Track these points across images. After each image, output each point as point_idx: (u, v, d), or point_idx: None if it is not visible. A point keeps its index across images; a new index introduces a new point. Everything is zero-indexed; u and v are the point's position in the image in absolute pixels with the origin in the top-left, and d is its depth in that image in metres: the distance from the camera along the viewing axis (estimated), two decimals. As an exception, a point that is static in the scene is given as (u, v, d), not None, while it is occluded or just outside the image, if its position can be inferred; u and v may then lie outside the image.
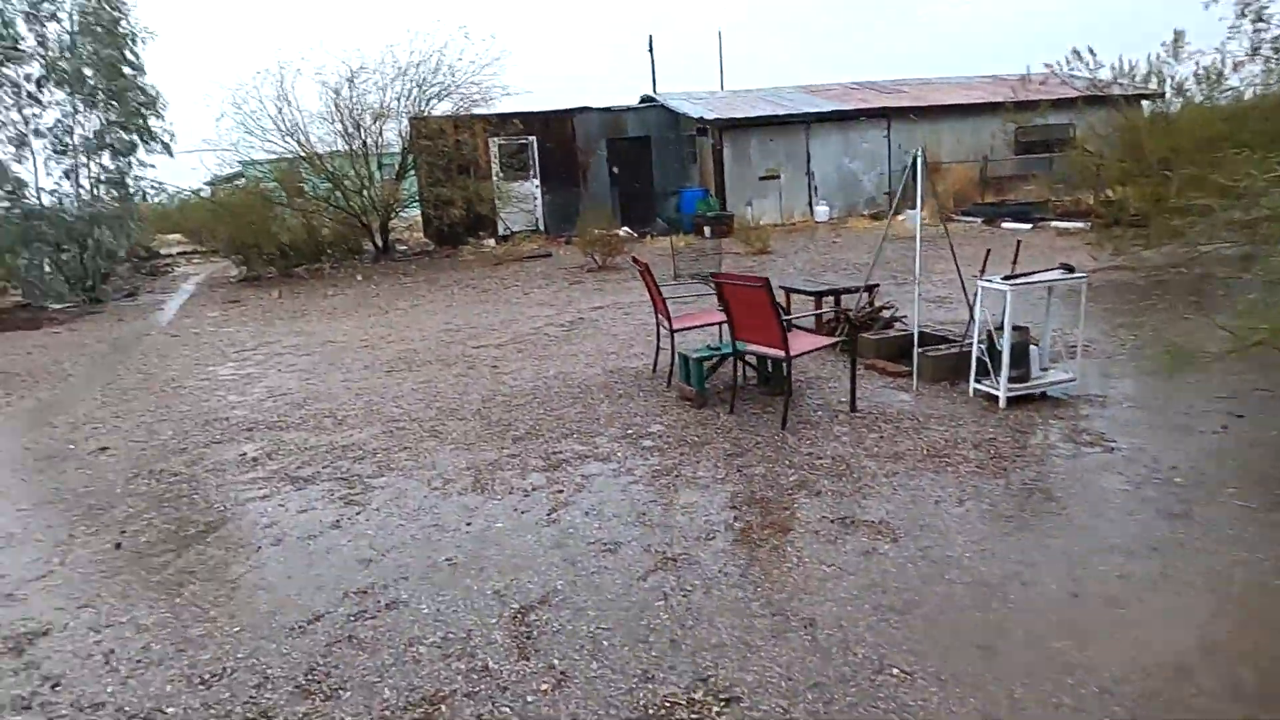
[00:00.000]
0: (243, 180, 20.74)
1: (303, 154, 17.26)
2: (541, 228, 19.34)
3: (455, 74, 17.94)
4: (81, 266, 14.27)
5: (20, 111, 13.65)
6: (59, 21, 13.90)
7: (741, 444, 4.89)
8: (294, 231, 17.15)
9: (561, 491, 4.37)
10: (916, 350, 5.88)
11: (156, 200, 16.66)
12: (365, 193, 17.44)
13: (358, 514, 4.29)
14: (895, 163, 19.83)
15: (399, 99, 17.81)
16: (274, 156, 17.91)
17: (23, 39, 13.59)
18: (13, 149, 13.74)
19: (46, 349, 10.29)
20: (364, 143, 17.55)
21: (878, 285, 7.35)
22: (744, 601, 3.16)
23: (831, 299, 7.23)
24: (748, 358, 5.87)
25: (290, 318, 11.23)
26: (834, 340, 6.08)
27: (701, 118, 18.74)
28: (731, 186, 18.86)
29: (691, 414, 5.52)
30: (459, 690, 2.73)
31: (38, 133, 13.87)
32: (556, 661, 2.85)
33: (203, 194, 20.46)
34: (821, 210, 19.23)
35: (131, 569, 3.87)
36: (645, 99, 22.23)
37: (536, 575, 3.48)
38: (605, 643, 2.95)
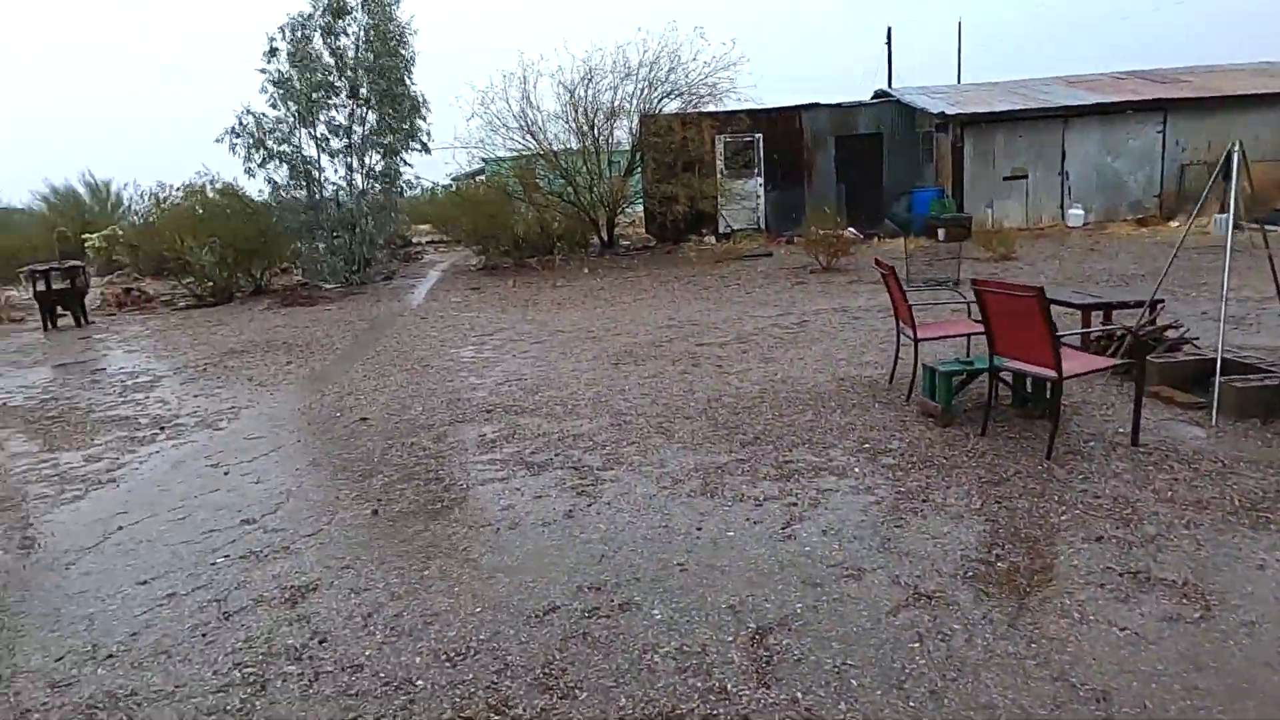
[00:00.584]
0: (482, 177, 22.35)
1: (540, 151, 18.19)
2: (762, 226, 19.08)
3: (688, 74, 18.11)
4: (350, 251, 15.97)
5: (320, 115, 15.49)
6: (348, 36, 15.61)
7: (998, 471, 4.37)
8: (528, 224, 18.16)
9: (796, 504, 4.13)
10: (1218, 378, 5.00)
11: (412, 193, 18.30)
12: (594, 189, 18.08)
13: (589, 506, 4.30)
14: (1170, 161, 17.48)
15: (630, 98, 18.28)
16: (514, 154, 19.06)
17: (320, 53, 15.44)
18: (313, 148, 15.64)
19: (320, 323, 11.57)
20: (595, 140, 18.20)
21: (1162, 301, 6.37)
22: (1016, 658, 2.76)
23: (1101, 314, 6.37)
24: (1003, 375, 5.29)
25: (523, 306, 11.83)
26: (1114, 362, 5.31)
27: (942, 113, 17.54)
28: (971, 186, 17.52)
29: (936, 432, 5.06)
30: (696, 711, 2.59)
31: (335, 133, 15.67)
32: (800, 695, 2.63)
33: (449, 188, 22.32)
34: (1075, 214, 17.34)
35: (386, 537, 4.12)
36: (879, 94, 21.23)
37: (773, 594, 3.27)
38: (854, 681, 2.68)
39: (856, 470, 4.54)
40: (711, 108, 18.35)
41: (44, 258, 17.11)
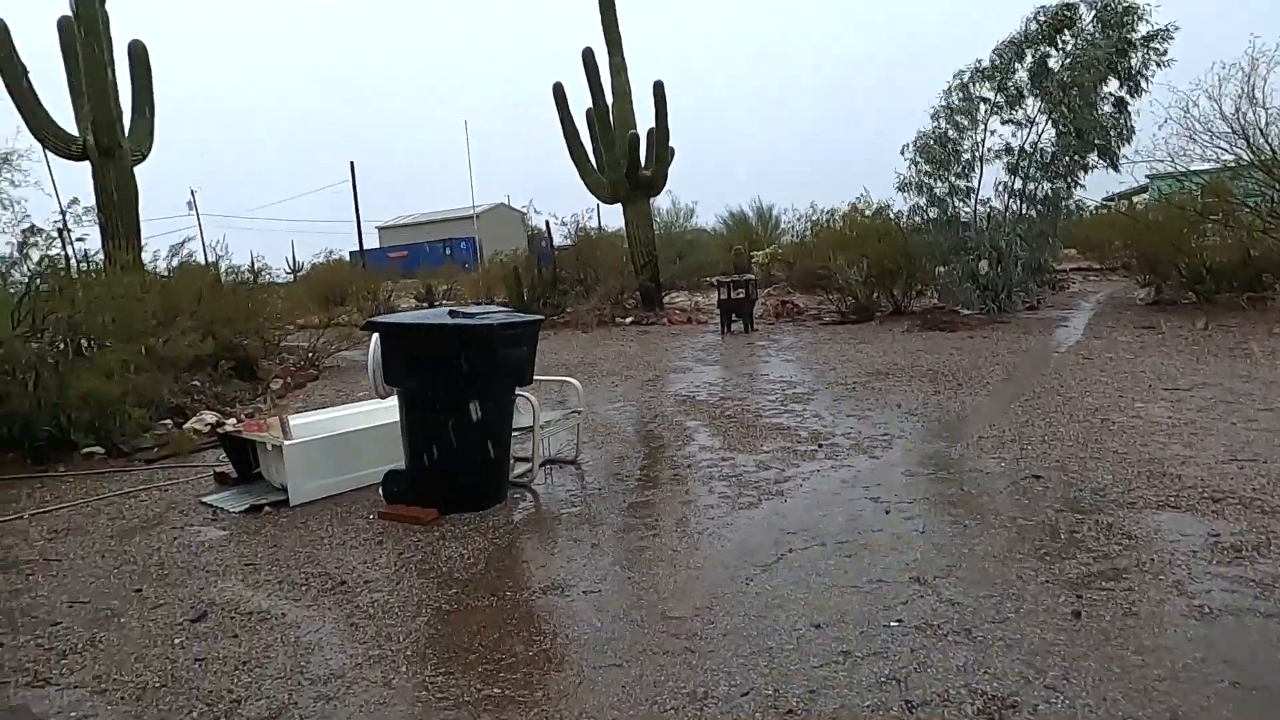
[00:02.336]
0: (1145, 195, 18.85)
1: (1257, 160, 14.34)
2: None
3: None
4: (995, 278, 14.92)
5: (976, 136, 14.79)
6: (1060, 50, 14.15)
7: None
8: (1221, 251, 14.59)
9: None
10: None
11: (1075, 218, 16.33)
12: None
13: None
14: None
15: None
16: (1214, 165, 15.45)
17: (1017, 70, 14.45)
18: (973, 169, 14.92)
19: (963, 352, 10.88)
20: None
21: None
22: None
23: None
24: None
25: (1229, 355, 9.26)
26: None
27: None
28: None
29: None
30: None
31: (1001, 154, 14.74)
32: None
33: (1101, 209, 19.46)
34: None
35: (1101, 657, 3.14)
36: None
37: None
38: None
39: None
40: None
41: (724, 271, 20.16)
